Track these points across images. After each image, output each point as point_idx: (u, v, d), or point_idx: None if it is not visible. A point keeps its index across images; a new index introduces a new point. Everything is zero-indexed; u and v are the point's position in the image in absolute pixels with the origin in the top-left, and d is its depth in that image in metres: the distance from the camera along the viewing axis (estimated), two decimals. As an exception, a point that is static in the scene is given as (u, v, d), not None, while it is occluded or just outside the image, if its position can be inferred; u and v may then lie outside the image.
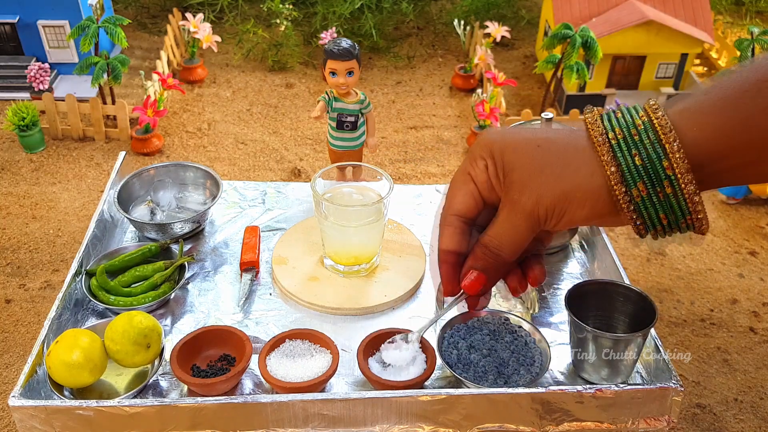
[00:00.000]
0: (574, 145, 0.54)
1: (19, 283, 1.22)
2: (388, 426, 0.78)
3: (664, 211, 0.53)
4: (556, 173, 0.54)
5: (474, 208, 0.60)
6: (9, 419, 0.98)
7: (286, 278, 0.97)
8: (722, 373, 1.10)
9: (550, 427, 0.80)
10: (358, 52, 1.05)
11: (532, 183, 0.55)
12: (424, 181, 1.53)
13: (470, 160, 0.58)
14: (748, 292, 1.26)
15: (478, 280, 0.60)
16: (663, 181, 0.52)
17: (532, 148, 0.55)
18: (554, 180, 0.54)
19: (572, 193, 0.54)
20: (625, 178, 0.52)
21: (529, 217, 0.56)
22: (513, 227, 0.57)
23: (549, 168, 0.54)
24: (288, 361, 0.83)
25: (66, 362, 0.78)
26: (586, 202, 0.54)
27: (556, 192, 0.54)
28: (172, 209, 1.08)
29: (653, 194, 0.52)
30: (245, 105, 1.78)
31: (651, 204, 0.53)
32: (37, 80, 1.62)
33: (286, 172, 1.54)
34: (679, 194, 0.52)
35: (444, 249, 0.61)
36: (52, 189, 1.47)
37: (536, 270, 0.62)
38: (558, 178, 0.54)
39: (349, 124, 1.09)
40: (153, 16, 2.19)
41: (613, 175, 0.52)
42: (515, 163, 0.56)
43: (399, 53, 2.03)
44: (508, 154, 0.56)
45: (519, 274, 0.63)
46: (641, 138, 0.52)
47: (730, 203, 1.48)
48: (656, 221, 0.54)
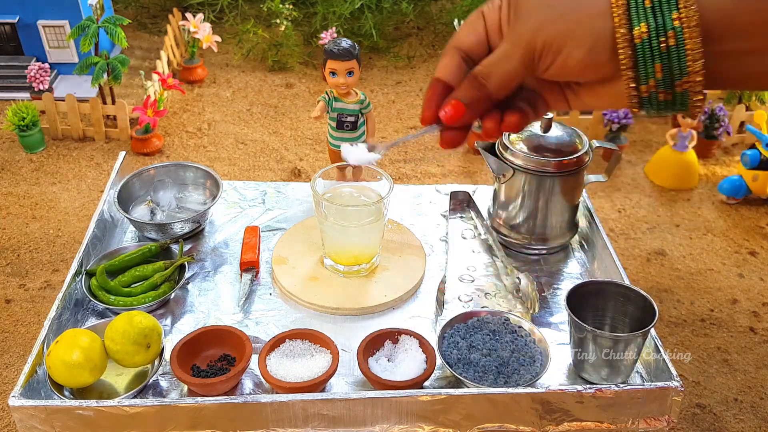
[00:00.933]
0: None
1: (19, 283, 1.22)
2: (388, 426, 0.78)
3: (661, 61, 0.51)
4: (564, 7, 0.53)
5: (476, 45, 0.58)
6: (9, 419, 0.98)
7: (286, 278, 0.97)
8: (722, 373, 1.10)
9: (550, 427, 0.80)
10: (358, 52, 1.05)
11: (538, 13, 0.54)
12: (424, 181, 1.52)
13: (487, 3, 0.56)
14: (748, 292, 1.26)
15: (456, 109, 0.58)
16: (668, 31, 0.50)
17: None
18: (559, 14, 0.53)
19: (574, 29, 0.52)
20: (630, 16, 0.51)
21: (524, 48, 0.54)
22: (506, 57, 0.55)
23: (559, 2, 0.53)
24: (288, 361, 0.83)
25: (66, 362, 0.78)
26: (585, 41, 0.52)
27: (559, 25, 0.53)
28: (172, 209, 1.08)
29: (654, 39, 0.50)
30: (245, 105, 1.78)
31: (649, 50, 0.51)
32: (37, 80, 1.62)
33: (286, 172, 1.54)
34: (681, 49, 0.50)
35: (435, 76, 0.59)
36: (52, 189, 1.47)
37: (514, 116, 0.59)
38: (564, 13, 0.53)
39: (349, 124, 1.09)
40: (153, 16, 2.19)
41: (619, 15, 0.50)
42: (525, 5, 0.54)
43: (399, 53, 2.03)
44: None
45: (498, 117, 0.59)
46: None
47: (730, 203, 1.48)
48: (650, 73, 0.51)
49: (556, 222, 1.03)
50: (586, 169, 1.01)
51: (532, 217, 1.02)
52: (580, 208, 1.08)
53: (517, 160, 0.99)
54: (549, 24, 0.53)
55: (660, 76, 0.51)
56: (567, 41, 0.53)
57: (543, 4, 0.54)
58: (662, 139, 1.61)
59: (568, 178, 0.99)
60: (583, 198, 1.08)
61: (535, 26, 0.54)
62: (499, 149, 1.02)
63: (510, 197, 1.03)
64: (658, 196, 1.50)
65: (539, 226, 1.03)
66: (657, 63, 0.51)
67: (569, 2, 0.53)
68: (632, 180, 1.55)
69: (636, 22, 0.50)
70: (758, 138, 1.44)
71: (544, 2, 0.54)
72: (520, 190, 1.01)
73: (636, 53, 0.51)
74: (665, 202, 1.49)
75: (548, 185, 0.99)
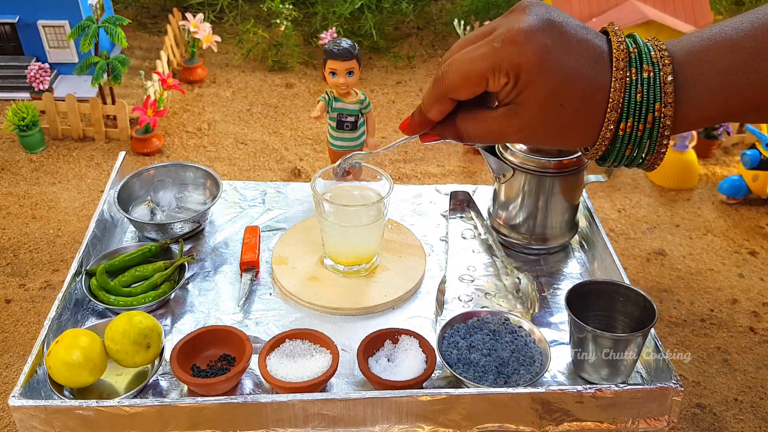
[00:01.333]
0: (592, 107, 0.55)
1: (19, 283, 1.22)
2: (388, 426, 0.78)
3: (632, 144, 0.56)
4: (560, 132, 0.57)
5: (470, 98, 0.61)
6: (9, 419, 0.98)
7: (286, 278, 0.97)
8: (722, 373, 1.10)
9: (550, 427, 0.80)
10: (358, 52, 1.05)
11: (535, 131, 0.57)
12: (424, 181, 1.53)
13: (493, 68, 0.56)
14: (748, 292, 1.26)
15: (435, 138, 0.65)
16: (647, 115, 0.54)
17: (557, 105, 0.55)
18: (553, 138, 0.58)
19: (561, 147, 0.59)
20: (621, 112, 0.55)
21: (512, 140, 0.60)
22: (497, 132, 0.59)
23: (556, 130, 0.57)
24: (288, 361, 0.83)
25: (66, 362, 0.78)
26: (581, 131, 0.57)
27: (550, 144, 0.60)
28: (172, 209, 1.08)
29: (635, 130, 0.55)
30: (245, 105, 1.78)
31: (628, 138, 0.56)
32: (37, 80, 1.62)
33: (286, 172, 1.54)
34: (654, 138, 0.55)
35: (430, 117, 0.63)
36: (52, 189, 1.47)
37: None
38: (558, 137, 0.57)
39: (349, 124, 1.09)
40: (153, 16, 2.19)
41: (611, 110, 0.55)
42: (532, 105, 0.56)
43: (399, 53, 2.03)
44: (531, 92, 0.55)
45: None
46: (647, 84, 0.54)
47: (730, 203, 1.48)
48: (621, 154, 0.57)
49: (556, 222, 1.03)
50: (586, 169, 1.01)
51: (532, 217, 1.02)
52: (580, 208, 1.08)
53: (517, 160, 0.99)
54: (542, 142, 0.59)
55: (628, 153, 0.57)
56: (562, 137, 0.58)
57: (544, 126, 0.57)
58: (662, 139, 1.60)
59: (568, 178, 0.99)
60: (583, 198, 1.08)
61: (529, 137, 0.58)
62: (499, 149, 1.02)
63: (510, 197, 1.03)
64: (658, 196, 1.50)
65: (539, 226, 1.03)
66: (629, 146, 0.57)
67: (567, 125, 0.56)
68: (632, 180, 1.55)
69: (624, 118, 0.55)
70: (758, 138, 1.44)
71: (547, 125, 0.57)
72: (520, 190, 1.01)
73: (614, 140, 0.56)
74: (665, 202, 1.49)
75: (548, 185, 0.99)
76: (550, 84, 0.54)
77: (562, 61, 0.54)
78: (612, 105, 0.54)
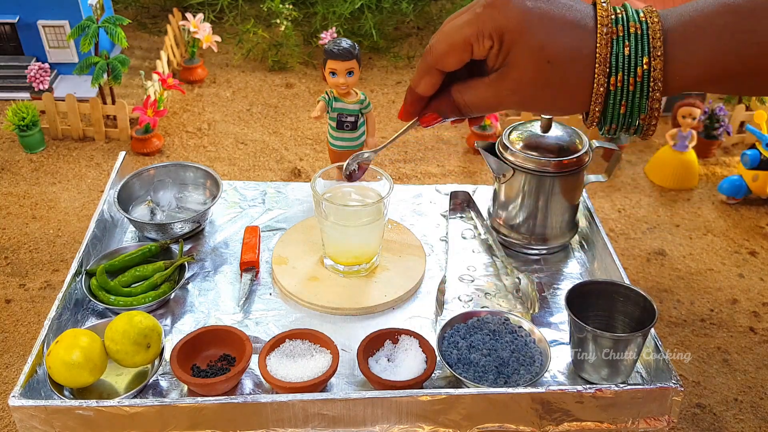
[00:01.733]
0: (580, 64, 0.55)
1: (19, 283, 1.22)
2: (388, 426, 0.78)
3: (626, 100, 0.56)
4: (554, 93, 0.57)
5: (459, 68, 0.61)
6: (9, 419, 0.98)
7: (286, 278, 0.97)
8: (722, 373, 1.10)
9: (550, 427, 0.80)
10: (358, 52, 1.05)
11: (529, 94, 0.57)
12: (424, 181, 1.53)
13: (477, 32, 0.57)
14: (748, 292, 1.26)
15: (434, 118, 0.65)
16: (636, 69, 0.55)
17: (543, 62, 0.55)
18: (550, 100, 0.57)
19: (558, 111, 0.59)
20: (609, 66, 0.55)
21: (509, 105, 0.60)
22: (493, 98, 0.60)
23: (548, 90, 0.56)
24: (288, 361, 0.83)
25: (66, 362, 0.78)
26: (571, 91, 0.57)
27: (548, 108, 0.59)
28: (172, 209, 1.08)
29: (626, 84, 0.55)
30: (245, 105, 1.78)
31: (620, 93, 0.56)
32: (37, 80, 1.62)
33: (286, 172, 1.54)
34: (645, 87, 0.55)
35: (420, 92, 0.63)
36: (52, 189, 1.47)
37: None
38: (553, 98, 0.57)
39: (349, 124, 1.09)
40: (153, 16, 2.19)
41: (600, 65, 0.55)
42: (520, 64, 0.56)
43: (399, 53, 2.03)
44: (517, 52, 0.56)
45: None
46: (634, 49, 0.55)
47: (730, 203, 1.48)
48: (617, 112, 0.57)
49: (556, 222, 1.03)
50: (586, 169, 1.01)
51: (532, 217, 1.02)
52: (580, 208, 1.08)
53: (517, 160, 0.99)
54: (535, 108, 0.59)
55: (624, 111, 0.57)
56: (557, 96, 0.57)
57: (534, 85, 0.57)
58: (662, 139, 1.61)
59: (568, 178, 0.99)
60: (583, 198, 1.08)
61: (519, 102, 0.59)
62: (499, 149, 1.02)
63: (510, 197, 1.03)
64: (658, 196, 1.50)
65: (539, 226, 1.03)
66: (623, 101, 0.56)
67: (558, 88, 0.56)
68: (632, 180, 1.55)
69: (614, 72, 0.55)
70: (758, 138, 1.44)
71: (537, 84, 0.57)
72: (520, 190, 1.01)
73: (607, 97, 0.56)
74: (665, 202, 1.49)
75: (548, 185, 0.99)
76: (534, 41, 0.55)
77: (545, 20, 0.55)
78: (600, 59, 0.54)
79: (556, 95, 0.57)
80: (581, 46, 0.55)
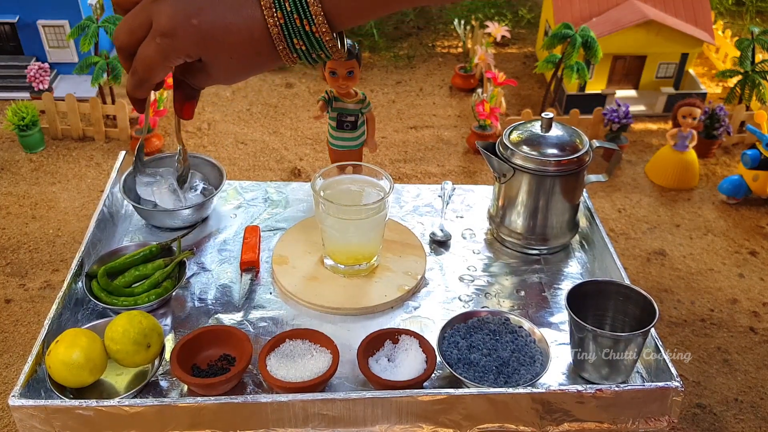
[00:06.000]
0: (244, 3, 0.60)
1: (19, 283, 1.22)
2: (388, 426, 0.78)
3: (300, 39, 0.61)
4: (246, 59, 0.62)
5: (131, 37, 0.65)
6: (9, 419, 0.98)
7: (286, 278, 0.97)
8: (722, 373, 1.10)
9: (550, 427, 0.80)
10: (358, 52, 1.04)
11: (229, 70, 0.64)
12: (424, 180, 1.52)
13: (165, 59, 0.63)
14: (748, 292, 1.26)
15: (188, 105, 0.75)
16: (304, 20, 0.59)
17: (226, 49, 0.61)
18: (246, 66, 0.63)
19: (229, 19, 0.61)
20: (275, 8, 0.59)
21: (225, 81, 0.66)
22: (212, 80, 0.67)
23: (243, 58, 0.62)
24: (288, 361, 0.83)
25: (66, 362, 0.78)
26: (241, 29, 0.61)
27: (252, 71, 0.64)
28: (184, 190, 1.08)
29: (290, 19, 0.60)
30: (245, 105, 1.78)
31: (291, 29, 0.60)
32: (37, 80, 1.62)
33: (286, 172, 1.54)
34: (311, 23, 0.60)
35: (140, 96, 0.71)
36: (51, 189, 1.47)
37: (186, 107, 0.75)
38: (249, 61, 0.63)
39: (349, 124, 1.09)
40: (153, 15, 2.19)
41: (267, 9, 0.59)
42: (209, 59, 0.62)
43: (399, 53, 2.03)
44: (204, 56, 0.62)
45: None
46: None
47: (730, 203, 1.48)
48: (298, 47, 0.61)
49: (556, 222, 1.03)
50: (586, 169, 1.01)
51: (533, 217, 1.02)
52: (581, 208, 1.08)
53: (517, 160, 0.99)
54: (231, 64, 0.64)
55: (304, 48, 0.61)
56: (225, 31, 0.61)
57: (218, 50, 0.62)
58: (662, 139, 1.61)
59: (569, 178, 0.99)
60: (583, 198, 1.08)
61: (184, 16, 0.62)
62: (500, 149, 1.02)
63: (510, 197, 1.03)
64: (658, 196, 1.50)
65: (539, 226, 1.03)
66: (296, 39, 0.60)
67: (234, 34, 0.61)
68: (632, 180, 1.55)
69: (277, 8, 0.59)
70: (758, 138, 1.44)
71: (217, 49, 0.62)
72: (520, 190, 1.01)
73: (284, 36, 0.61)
74: (665, 202, 1.49)
75: (548, 185, 0.99)
76: (215, 48, 0.61)
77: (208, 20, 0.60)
78: (264, 3, 0.59)
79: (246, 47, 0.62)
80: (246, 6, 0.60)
